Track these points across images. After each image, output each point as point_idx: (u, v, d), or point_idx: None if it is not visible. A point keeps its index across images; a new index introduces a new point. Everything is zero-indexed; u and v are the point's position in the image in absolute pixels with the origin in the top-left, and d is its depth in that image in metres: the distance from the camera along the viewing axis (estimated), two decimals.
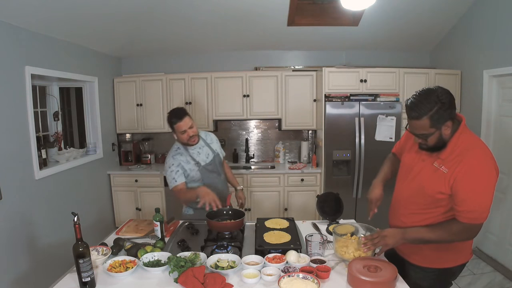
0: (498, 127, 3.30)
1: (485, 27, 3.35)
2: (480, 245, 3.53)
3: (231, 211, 2.10)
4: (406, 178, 1.64)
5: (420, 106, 1.38)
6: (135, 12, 3.23)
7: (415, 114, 1.40)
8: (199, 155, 2.29)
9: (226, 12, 3.42)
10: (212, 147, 2.36)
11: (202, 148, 2.32)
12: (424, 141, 1.47)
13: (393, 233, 1.51)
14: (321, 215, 2.22)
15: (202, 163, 2.27)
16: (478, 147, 1.45)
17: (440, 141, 1.45)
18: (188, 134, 2.17)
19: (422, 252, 1.59)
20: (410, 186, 1.60)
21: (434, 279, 1.60)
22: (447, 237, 1.45)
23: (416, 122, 1.42)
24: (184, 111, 2.20)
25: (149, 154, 4.45)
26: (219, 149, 2.43)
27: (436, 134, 1.42)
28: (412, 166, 1.62)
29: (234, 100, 4.16)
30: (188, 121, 2.17)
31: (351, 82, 3.75)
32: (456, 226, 1.43)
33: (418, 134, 1.46)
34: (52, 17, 2.78)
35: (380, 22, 3.67)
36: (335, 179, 3.83)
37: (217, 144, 2.45)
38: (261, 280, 1.46)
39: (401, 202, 1.67)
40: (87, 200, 3.65)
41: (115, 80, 4.26)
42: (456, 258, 1.59)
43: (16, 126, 2.67)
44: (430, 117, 1.37)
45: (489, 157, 1.43)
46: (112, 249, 1.74)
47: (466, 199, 1.40)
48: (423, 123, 1.39)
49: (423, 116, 1.38)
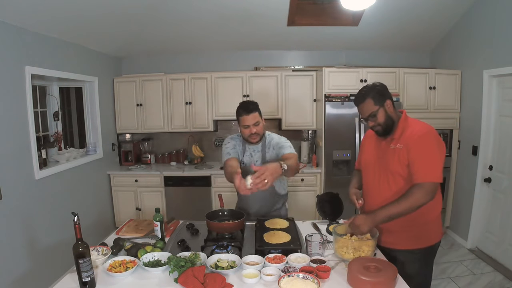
0: (498, 127, 3.30)
1: (485, 27, 3.35)
2: (480, 245, 3.53)
3: (231, 211, 2.09)
4: (370, 171, 1.85)
5: (362, 93, 1.75)
6: (135, 12, 3.23)
7: (360, 99, 1.74)
8: (250, 157, 2.18)
9: (226, 12, 3.42)
10: (265, 157, 2.15)
11: (256, 153, 2.18)
12: (375, 121, 1.72)
13: (364, 220, 1.64)
14: (321, 215, 2.22)
15: (245, 165, 2.17)
16: (421, 123, 1.73)
17: (388, 119, 1.72)
18: (250, 130, 2.06)
19: (402, 236, 1.73)
20: (377, 175, 1.80)
21: (421, 260, 1.75)
22: (411, 204, 1.59)
23: (363, 106, 1.73)
24: (254, 106, 2.07)
25: (149, 154, 4.45)
26: (274, 156, 2.13)
27: (382, 111, 1.71)
28: (372, 161, 1.84)
29: (234, 100, 4.11)
30: (256, 117, 2.05)
31: (351, 82, 3.75)
32: (414, 190, 1.59)
33: (368, 117, 1.73)
34: (52, 17, 2.78)
35: (380, 22, 3.67)
36: (335, 179, 3.83)
37: (274, 151, 2.14)
38: (261, 280, 1.46)
39: (372, 191, 1.84)
40: (87, 200, 3.65)
41: (115, 80, 4.26)
42: (429, 238, 1.75)
43: (16, 126, 2.67)
44: (372, 97, 1.71)
45: (432, 128, 1.68)
46: (112, 249, 1.74)
47: (416, 159, 1.62)
48: (368, 103, 1.71)
49: (366, 98, 1.72)
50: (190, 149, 4.44)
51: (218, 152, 4.60)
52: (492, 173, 3.34)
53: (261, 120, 2.11)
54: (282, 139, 2.19)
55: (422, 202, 1.58)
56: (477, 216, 3.51)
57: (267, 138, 2.21)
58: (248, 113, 2.04)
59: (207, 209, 2.34)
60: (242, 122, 2.07)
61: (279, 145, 2.13)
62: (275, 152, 2.14)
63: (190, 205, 4.02)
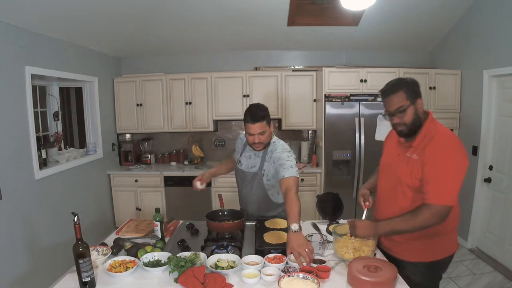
0: (498, 127, 3.30)
1: (485, 27, 3.35)
2: (480, 245, 3.53)
3: (230, 211, 2.09)
4: (384, 174, 1.75)
5: (394, 83, 1.56)
6: (135, 12, 3.23)
7: (392, 90, 1.54)
8: (249, 159, 2.12)
9: (226, 12, 3.42)
10: (263, 166, 2.06)
11: (256, 158, 2.09)
12: (401, 119, 1.53)
13: (364, 225, 1.58)
14: (321, 215, 2.22)
15: (241, 165, 2.16)
16: (445, 134, 1.53)
17: (417, 119, 1.53)
18: (254, 139, 1.94)
19: (411, 248, 1.62)
20: (388, 180, 1.69)
21: (425, 273, 1.63)
22: (417, 224, 1.48)
23: (392, 97, 1.53)
24: (261, 115, 1.91)
25: (149, 154, 4.45)
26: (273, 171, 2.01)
27: (411, 109, 1.52)
28: (389, 163, 1.71)
29: (234, 100, 4.16)
30: (262, 126, 1.91)
31: (351, 82, 3.75)
32: (424, 210, 1.46)
33: (395, 111, 1.53)
34: (52, 17, 2.78)
35: (380, 22, 3.67)
36: (335, 179, 3.83)
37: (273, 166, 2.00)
38: (261, 280, 1.46)
39: (382, 198, 1.74)
40: (87, 200, 3.65)
41: (115, 80, 4.26)
42: (443, 250, 1.63)
43: (16, 126, 2.67)
44: (406, 90, 1.51)
45: (456, 142, 1.50)
46: (112, 249, 1.74)
47: (430, 179, 1.46)
48: (400, 95, 1.51)
49: (399, 89, 1.52)
50: (190, 149, 4.44)
51: (218, 152, 4.60)
52: (492, 173, 3.34)
53: (268, 128, 1.97)
54: (285, 154, 1.95)
55: (429, 223, 1.46)
56: (477, 216, 3.51)
57: (271, 146, 2.05)
58: (254, 122, 1.90)
59: (207, 209, 2.35)
60: (247, 128, 1.94)
61: (280, 161, 1.92)
62: (274, 167, 1.98)
63: (190, 205, 4.01)
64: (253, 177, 2.10)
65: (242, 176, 2.17)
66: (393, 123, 1.58)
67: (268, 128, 1.96)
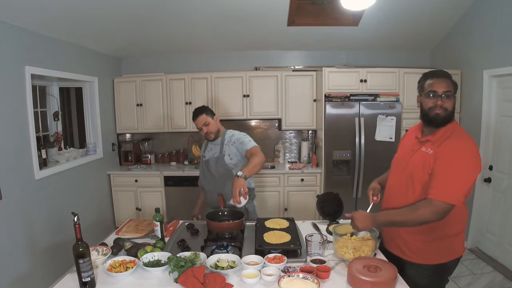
0: (498, 127, 3.30)
1: (485, 27, 3.35)
2: (480, 245, 3.53)
3: (230, 211, 2.09)
4: (395, 169, 1.74)
5: (445, 72, 1.58)
6: (135, 12, 3.23)
7: (444, 74, 1.56)
8: (210, 150, 2.44)
9: (226, 12, 3.42)
10: (223, 148, 2.36)
11: (216, 146, 2.42)
12: (444, 103, 1.52)
13: (362, 216, 1.59)
14: (321, 215, 2.22)
15: (205, 158, 2.44)
16: (465, 136, 1.53)
17: (453, 111, 1.55)
18: (203, 131, 2.37)
19: (417, 249, 1.60)
20: (399, 175, 1.68)
21: (431, 276, 1.62)
22: (414, 218, 1.47)
23: (444, 79, 1.54)
24: (199, 111, 2.36)
25: (149, 154, 4.45)
26: (234, 150, 2.31)
27: (453, 99, 1.54)
28: (402, 158, 1.70)
29: (234, 100, 4.16)
30: (203, 118, 2.34)
31: (351, 82, 3.76)
32: (423, 205, 1.45)
33: (445, 92, 1.52)
34: (52, 17, 2.78)
35: (380, 22, 3.67)
36: (335, 179, 3.83)
37: (234, 145, 2.31)
38: (261, 280, 1.46)
39: (391, 192, 1.73)
40: (87, 200, 3.65)
41: (115, 80, 4.26)
42: (450, 253, 1.61)
43: (16, 126, 2.67)
44: (452, 82, 1.55)
45: (474, 147, 1.49)
46: (112, 249, 1.74)
47: (437, 174, 1.46)
48: (449, 82, 1.54)
49: (449, 77, 1.55)
50: (190, 149, 4.44)
51: None
52: (492, 173, 3.34)
53: (211, 120, 2.36)
54: (242, 134, 2.38)
55: (426, 219, 1.44)
56: (477, 216, 3.51)
57: (227, 134, 2.41)
58: (194, 118, 2.36)
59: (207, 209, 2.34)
60: (196, 126, 2.39)
61: (240, 140, 2.31)
62: (235, 147, 2.32)
63: (190, 205, 3.98)
64: (216, 161, 2.36)
65: (207, 166, 2.40)
66: (435, 105, 1.53)
67: (211, 119, 2.36)
